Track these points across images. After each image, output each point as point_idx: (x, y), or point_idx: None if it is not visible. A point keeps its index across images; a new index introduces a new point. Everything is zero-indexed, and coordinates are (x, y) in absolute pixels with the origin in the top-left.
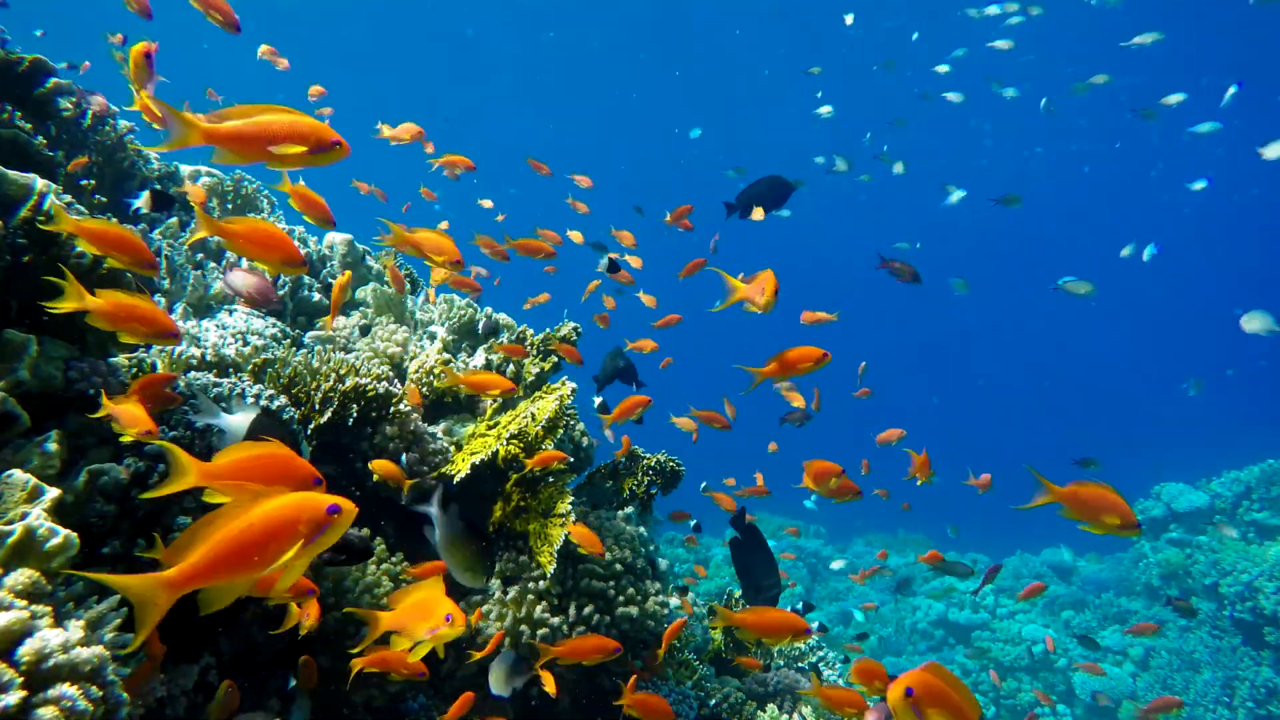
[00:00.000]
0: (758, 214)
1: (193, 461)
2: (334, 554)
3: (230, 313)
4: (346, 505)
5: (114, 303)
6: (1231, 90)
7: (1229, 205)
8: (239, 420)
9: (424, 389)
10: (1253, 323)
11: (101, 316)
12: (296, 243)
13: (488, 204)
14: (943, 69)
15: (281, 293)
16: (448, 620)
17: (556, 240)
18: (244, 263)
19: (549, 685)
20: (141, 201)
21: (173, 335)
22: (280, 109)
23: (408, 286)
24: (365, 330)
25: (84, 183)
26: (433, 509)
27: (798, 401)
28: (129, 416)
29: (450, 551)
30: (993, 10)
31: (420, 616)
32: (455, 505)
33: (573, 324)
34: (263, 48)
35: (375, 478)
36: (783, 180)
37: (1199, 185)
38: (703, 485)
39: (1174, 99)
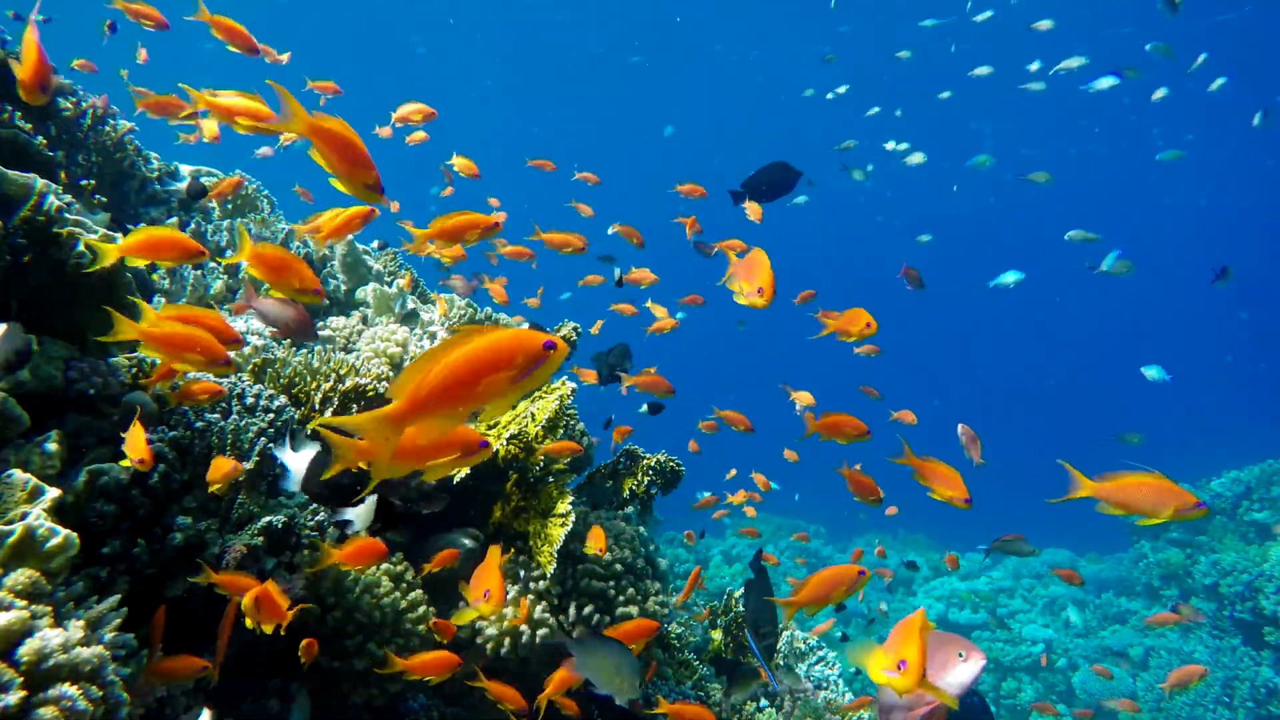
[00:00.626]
0: (754, 212)
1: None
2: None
3: (230, 313)
4: (561, 343)
5: (171, 333)
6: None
7: (1229, 206)
8: (301, 457)
9: None
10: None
11: (159, 347)
12: (296, 241)
13: (495, 203)
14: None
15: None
16: (485, 596)
17: (579, 243)
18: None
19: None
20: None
21: (228, 364)
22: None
23: (408, 286)
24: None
25: (84, 183)
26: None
27: (806, 400)
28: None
29: None
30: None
31: (474, 584)
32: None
33: (573, 324)
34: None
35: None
36: (788, 167)
37: (1107, 81)
38: (696, 499)
39: (1106, 80)
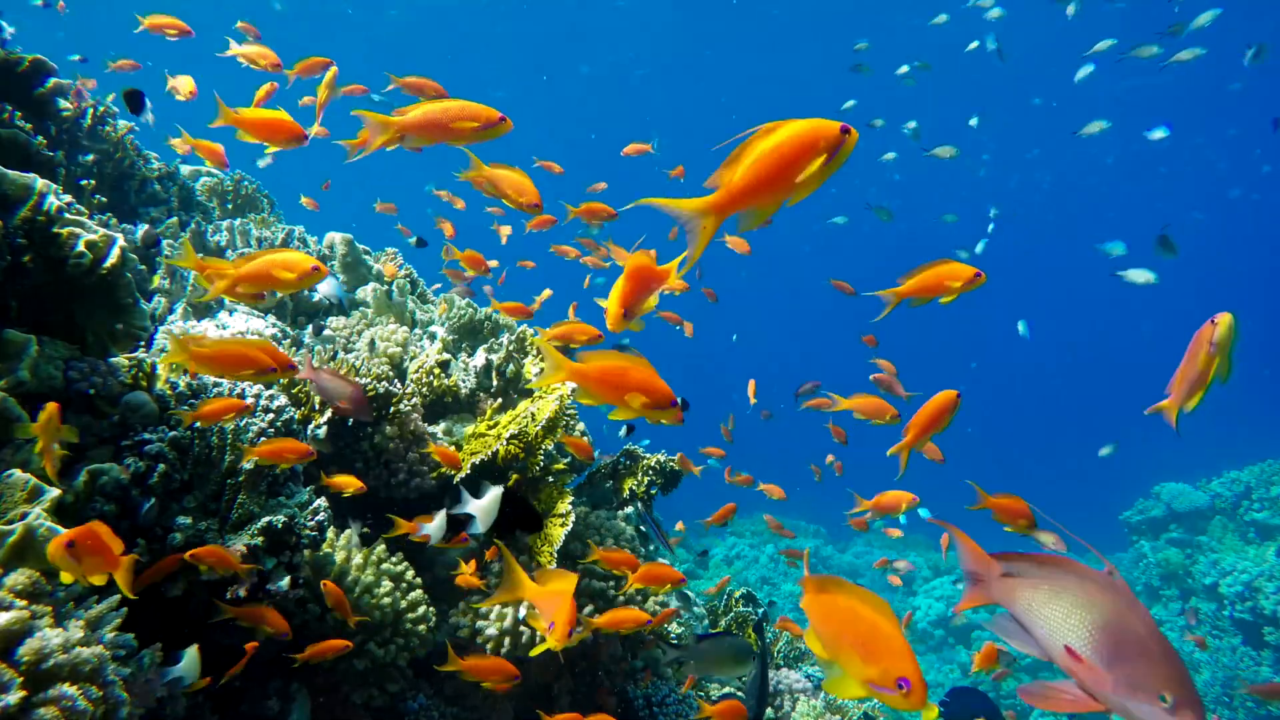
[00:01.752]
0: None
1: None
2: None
3: (230, 313)
4: (853, 130)
5: (221, 351)
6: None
7: (1233, 208)
8: (487, 503)
9: (424, 390)
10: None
11: (209, 367)
12: (296, 242)
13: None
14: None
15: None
16: (549, 629)
17: (609, 212)
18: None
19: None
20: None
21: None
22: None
23: (407, 286)
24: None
25: (84, 183)
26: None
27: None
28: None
29: None
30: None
31: (545, 610)
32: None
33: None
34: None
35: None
36: None
37: (1158, 134)
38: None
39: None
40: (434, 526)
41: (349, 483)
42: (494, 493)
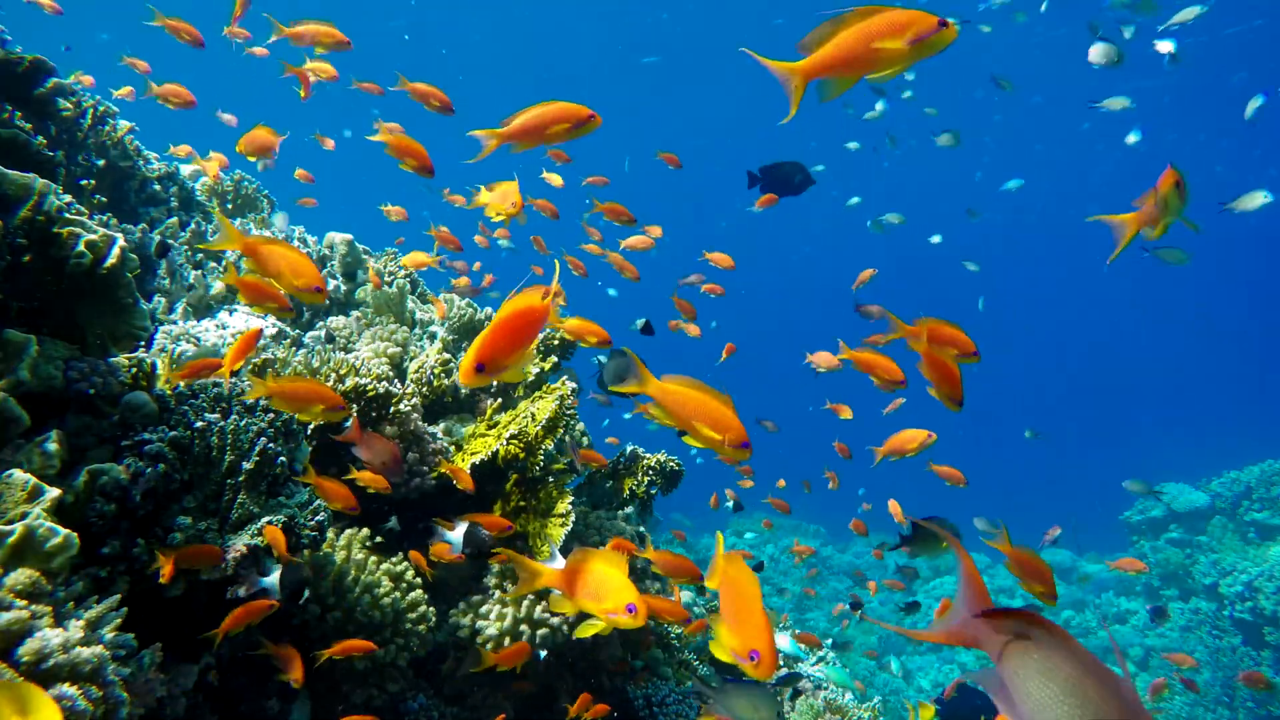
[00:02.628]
0: (767, 199)
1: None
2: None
3: (230, 313)
4: (951, 24)
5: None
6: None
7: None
8: (458, 534)
9: (424, 390)
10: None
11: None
12: (297, 242)
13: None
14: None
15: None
16: (629, 611)
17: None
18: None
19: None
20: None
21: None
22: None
23: (407, 286)
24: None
25: (84, 183)
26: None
27: (845, 414)
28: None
29: None
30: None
31: (598, 592)
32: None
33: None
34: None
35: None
36: (804, 171)
37: (1131, 138)
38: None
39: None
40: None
41: (374, 480)
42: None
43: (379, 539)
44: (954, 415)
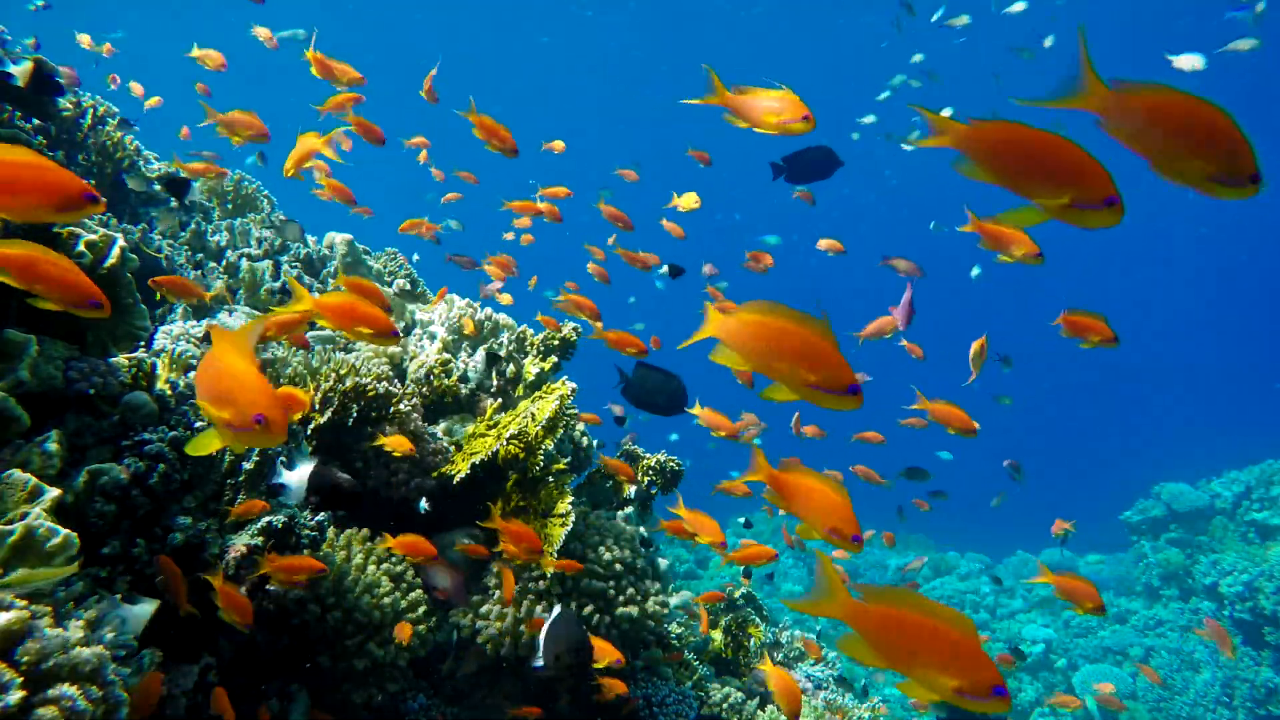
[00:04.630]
0: (805, 195)
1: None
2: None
3: (231, 313)
4: (1119, 203)
5: (341, 302)
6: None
7: (1232, 211)
8: (299, 475)
9: (424, 390)
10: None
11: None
12: (297, 243)
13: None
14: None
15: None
16: (854, 541)
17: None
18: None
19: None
20: (19, 70)
21: (394, 335)
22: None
23: (407, 286)
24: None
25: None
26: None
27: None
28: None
29: None
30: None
31: (820, 511)
32: None
33: (573, 324)
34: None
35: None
36: (831, 153)
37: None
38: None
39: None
40: (293, 483)
41: (399, 443)
42: (305, 468)
43: (379, 539)
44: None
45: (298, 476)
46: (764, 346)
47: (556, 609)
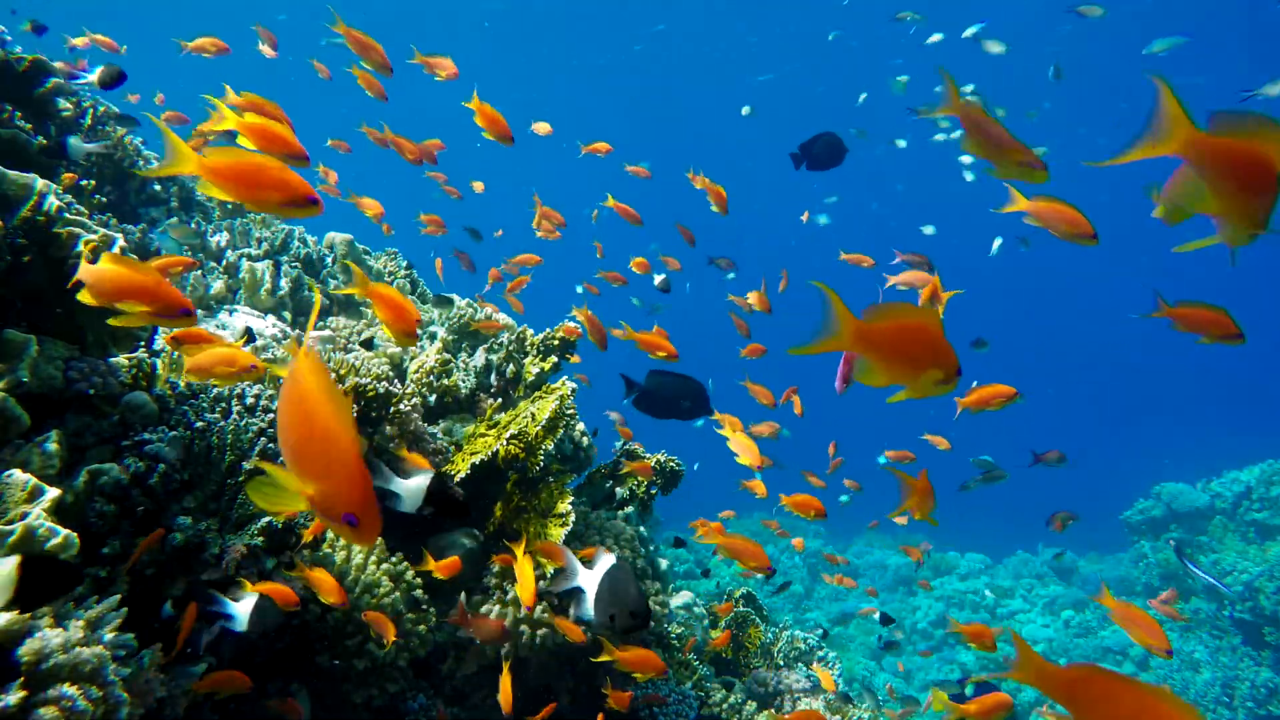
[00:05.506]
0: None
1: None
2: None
3: (231, 313)
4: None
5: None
6: None
7: None
8: (415, 484)
9: (424, 390)
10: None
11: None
12: (296, 243)
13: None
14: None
15: (281, 292)
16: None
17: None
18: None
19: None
20: (94, 77)
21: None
22: None
23: (407, 286)
24: (369, 344)
25: (84, 183)
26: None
27: (765, 399)
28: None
29: None
30: None
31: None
32: None
33: (573, 325)
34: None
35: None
36: (837, 138)
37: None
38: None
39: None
40: (410, 490)
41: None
42: (421, 478)
43: (379, 539)
44: (950, 417)
45: (414, 485)
46: (905, 352)
47: (610, 557)
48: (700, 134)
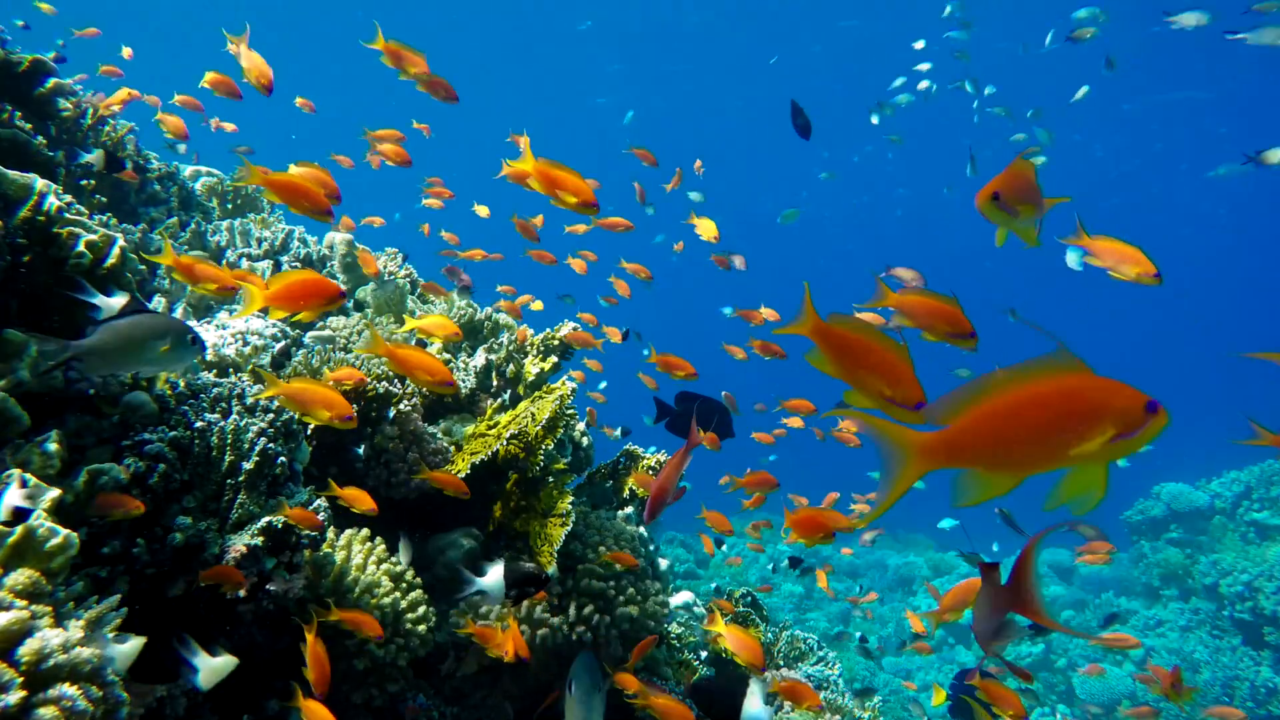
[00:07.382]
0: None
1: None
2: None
3: (230, 313)
4: (1163, 408)
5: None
6: None
7: (1233, 210)
8: (494, 576)
9: (424, 389)
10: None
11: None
12: (296, 242)
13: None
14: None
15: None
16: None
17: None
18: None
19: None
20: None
21: (450, 385)
22: None
23: (407, 286)
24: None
25: (84, 183)
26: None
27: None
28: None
29: None
30: None
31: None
32: None
33: (572, 324)
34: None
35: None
36: (799, 109)
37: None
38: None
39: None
40: (492, 586)
41: (358, 498)
42: (497, 569)
43: (379, 539)
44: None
45: (494, 578)
46: (853, 358)
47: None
48: (700, 131)
